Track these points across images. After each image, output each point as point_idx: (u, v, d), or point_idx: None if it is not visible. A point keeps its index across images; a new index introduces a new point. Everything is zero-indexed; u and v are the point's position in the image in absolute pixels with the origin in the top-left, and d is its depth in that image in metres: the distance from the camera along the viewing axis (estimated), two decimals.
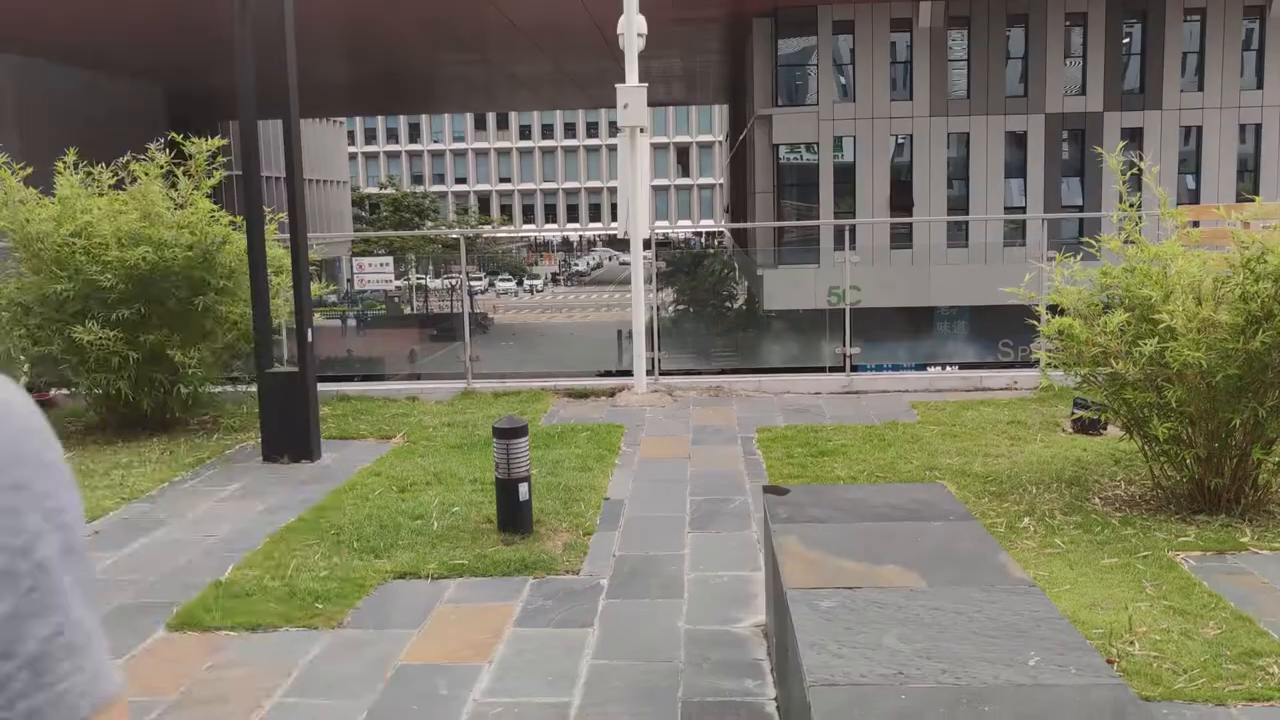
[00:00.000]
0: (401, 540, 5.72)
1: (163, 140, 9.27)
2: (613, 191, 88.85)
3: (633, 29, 9.67)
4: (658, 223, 62.48)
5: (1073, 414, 8.04)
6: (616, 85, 9.38)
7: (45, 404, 10.01)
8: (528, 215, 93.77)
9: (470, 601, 4.93)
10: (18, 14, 24.24)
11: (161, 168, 8.87)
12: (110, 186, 8.84)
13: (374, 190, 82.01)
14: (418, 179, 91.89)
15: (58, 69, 30.20)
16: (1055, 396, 8.75)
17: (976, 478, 6.76)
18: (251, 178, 7.88)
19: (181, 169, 8.99)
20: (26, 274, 8.58)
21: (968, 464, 7.12)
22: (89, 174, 8.81)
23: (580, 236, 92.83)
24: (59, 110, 29.47)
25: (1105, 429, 7.73)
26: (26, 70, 29.19)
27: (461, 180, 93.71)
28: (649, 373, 10.04)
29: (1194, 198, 29.36)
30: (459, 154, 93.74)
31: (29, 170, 8.69)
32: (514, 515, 5.77)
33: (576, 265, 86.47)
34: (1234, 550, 5.28)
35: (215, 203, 9.12)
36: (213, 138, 9.10)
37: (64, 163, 8.75)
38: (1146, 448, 6.06)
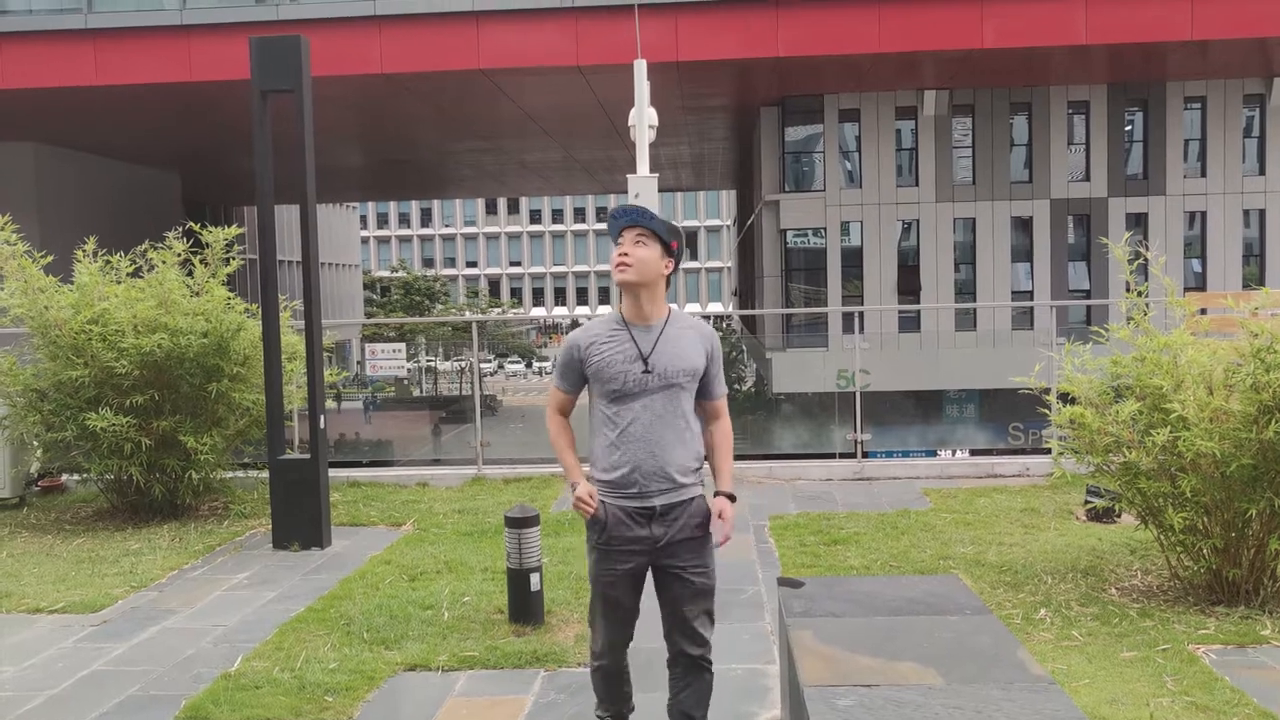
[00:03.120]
0: (412, 631, 5.67)
1: (180, 228, 9.43)
2: None
3: (644, 121, 9.87)
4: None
5: (1086, 502, 8.00)
6: (628, 176, 9.54)
7: (56, 489, 10.03)
8: (537, 298, 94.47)
9: (482, 694, 4.87)
10: (36, 104, 24.79)
11: (179, 255, 9.01)
12: (128, 274, 8.96)
13: (385, 274, 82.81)
14: (429, 262, 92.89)
15: (75, 157, 30.76)
16: (1068, 484, 8.71)
17: (991, 567, 6.70)
18: (268, 268, 7.98)
19: (198, 257, 9.13)
20: (43, 360, 8.66)
21: (982, 553, 7.07)
22: (107, 262, 8.95)
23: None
24: (76, 197, 29.97)
25: (1119, 518, 7.69)
26: (45, 158, 29.74)
27: (472, 264, 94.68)
28: None
29: (1200, 281, 29.53)
30: (470, 238, 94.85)
31: (49, 258, 8.83)
32: (525, 606, 5.73)
33: None
34: (1255, 643, 5.21)
35: (230, 286, 9.24)
36: (229, 224, 9.26)
37: (83, 251, 8.89)
38: (1162, 537, 6.01)
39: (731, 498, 3.80)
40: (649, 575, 3.84)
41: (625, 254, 3.63)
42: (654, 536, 3.71)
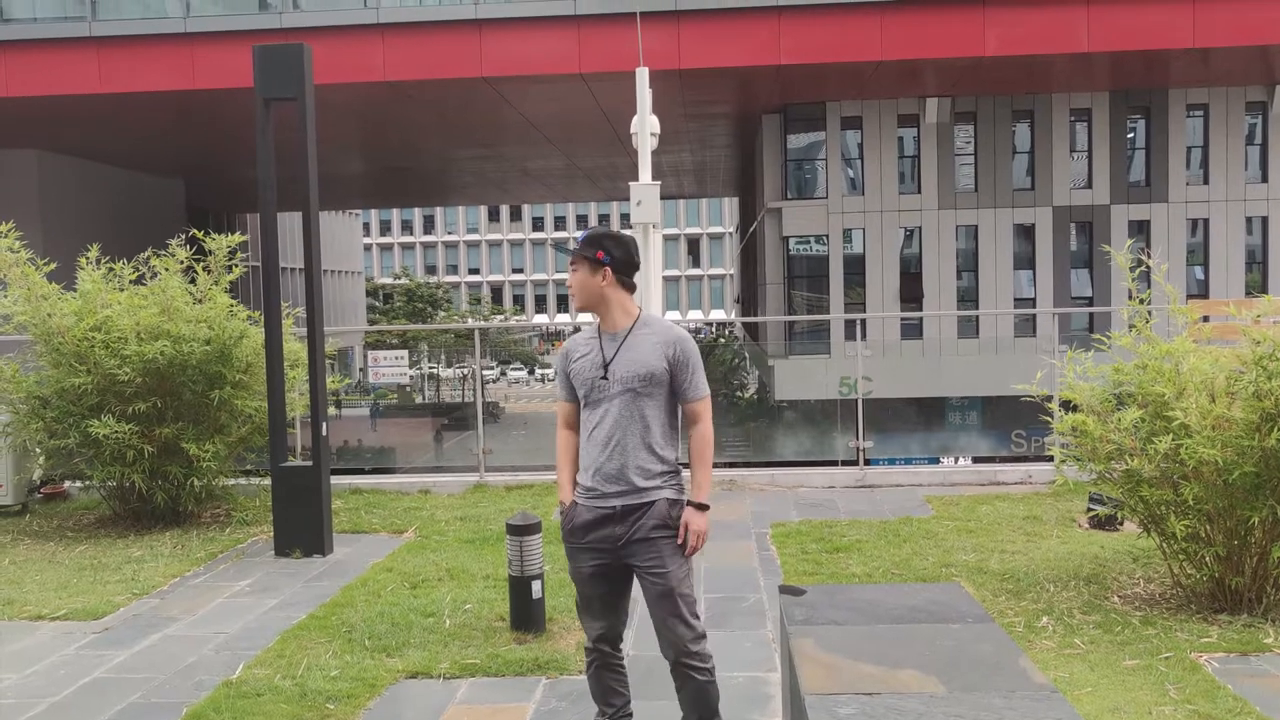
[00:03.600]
0: (414, 638, 5.67)
1: (183, 236, 9.44)
2: None
3: (645, 129, 9.88)
4: (669, 313, 62.91)
5: (1089, 510, 7.99)
6: (630, 183, 9.55)
7: (58, 496, 10.03)
8: (540, 305, 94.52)
9: (483, 702, 4.87)
10: (40, 112, 24.83)
11: (182, 263, 9.02)
12: (131, 281, 8.97)
13: (388, 281, 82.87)
14: (431, 269, 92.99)
15: (79, 164, 30.81)
16: (1071, 491, 8.69)
17: (993, 575, 6.69)
18: (270, 275, 7.99)
19: (201, 264, 9.15)
20: (46, 367, 8.67)
21: (984, 561, 7.06)
22: (110, 269, 8.96)
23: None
24: (80, 204, 30.00)
25: (1122, 525, 7.68)
26: (49, 165, 29.78)
27: (475, 271, 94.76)
28: None
29: (1203, 289, 29.50)
30: (472, 245, 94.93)
31: (52, 265, 8.84)
32: (527, 613, 5.73)
33: None
34: (1257, 652, 5.20)
35: (233, 293, 9.25)
36: (231, 231, 9.28)
37: (86, 258, 8.91)
38: (1165, 545, 6.00)
39: (702, 507, 3.82)
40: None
41: (569, 284, 3.93)
42: (615, 536, 3.81)
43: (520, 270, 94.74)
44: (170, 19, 23.47)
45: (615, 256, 3.85)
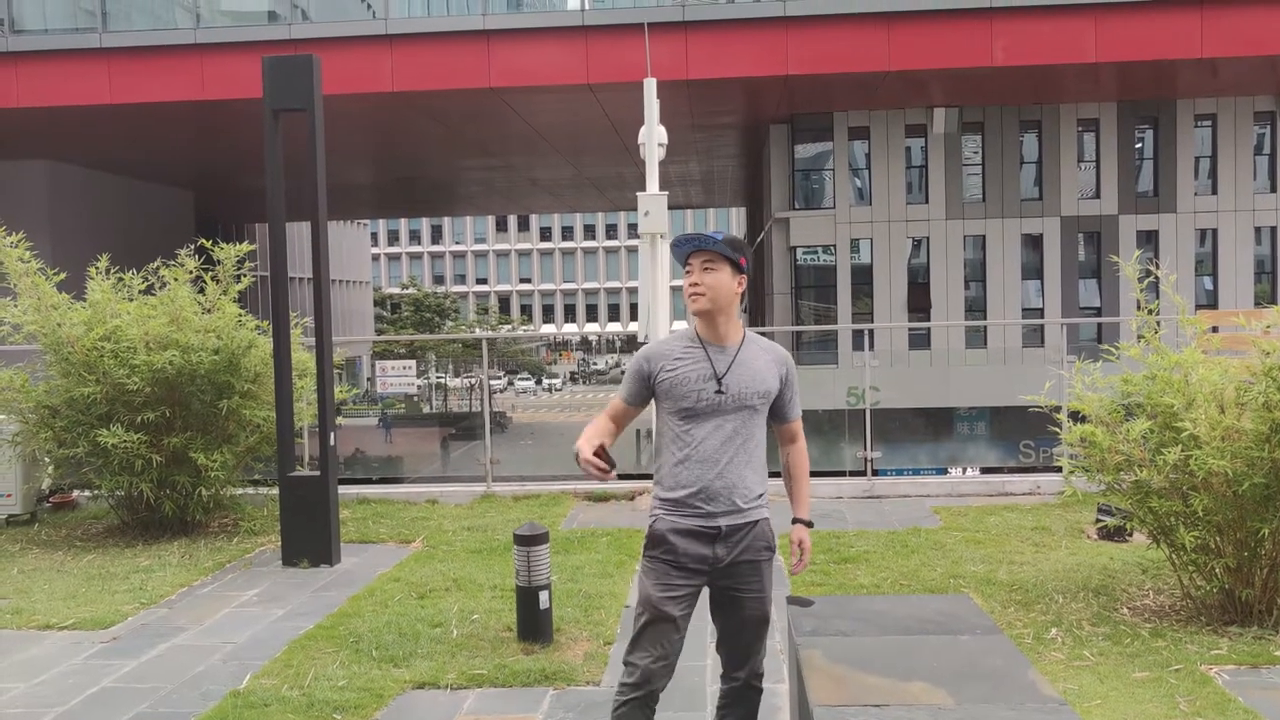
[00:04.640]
0: (421, 649, 5.67)
1: (192, 246, 9.48)
2: (631, 292, 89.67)
3: (653, 139, 9.89)
4: (676, 323, 62.70)
5: (1097, 521, 7.97)
6: (637, 194, 9.56)
7: (67, 506, 10.05)
8: (547, 315, 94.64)
9: (490, 713, 4.86)
10: (50, 123, 24.96)
11: (191, 273, 9.06)
12: (140, 291, 9.01)
13: (396, 290, 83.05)
14: (439, 279, 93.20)
15: (89, 174, 30.94)
16: (1079, 502, 8.66)
17: (1002, 586, 6.67)
18: (279, 285, 8.01)
19: (210, 274, 9.18)
20: (55, 377, 8.70)
21: (992, 572, 7.03)
22: (120, 279, 9.00)
23: (599, 336, 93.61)
24: (90, 215, 30.11)
25: (1131, 536, 7.66)
26: (59, 176, 29.92)
27: (482, 280, 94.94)
28: None
29: (1211, 299, 29.43)
30: (480, 255, 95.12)
31: (62, 276, 8.88)
32: (534, 623, 5.72)
33: (595, 364, 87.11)
34: (1268, 664, 5.17)
35: (241, 303, 9.29)
36: (240, 241, 9.31)
37: (96, 268, 8.95)
38: (1174, 556, 5.98)
39: (809, 524, 3.82)
40: (702, 600, 3.78)
41: (696, 283, 3.58)
42: (716, 557, 3.63)
43: (528, 280, 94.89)
44: (180, 30, 23.58)
45: (748, 269, 3.67)
